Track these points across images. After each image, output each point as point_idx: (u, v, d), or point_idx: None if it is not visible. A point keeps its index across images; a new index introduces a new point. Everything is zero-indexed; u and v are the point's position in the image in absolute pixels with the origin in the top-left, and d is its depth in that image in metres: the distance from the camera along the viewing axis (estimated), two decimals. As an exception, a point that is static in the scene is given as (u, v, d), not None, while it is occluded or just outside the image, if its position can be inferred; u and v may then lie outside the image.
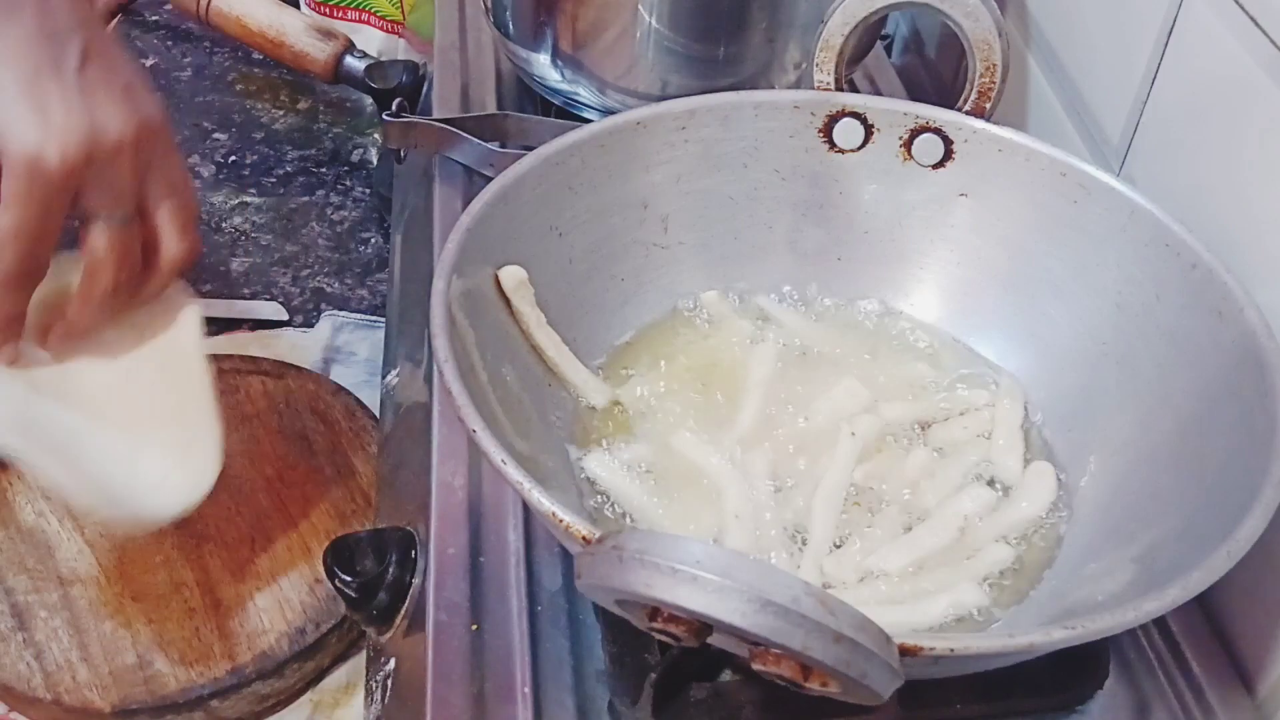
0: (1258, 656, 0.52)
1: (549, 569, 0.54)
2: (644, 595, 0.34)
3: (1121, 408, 0.55)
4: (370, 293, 0.91)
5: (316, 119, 1.08)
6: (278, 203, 0.99)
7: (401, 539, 0.56)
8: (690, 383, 0.60)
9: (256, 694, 0.64)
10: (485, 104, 0.82)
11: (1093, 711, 0.50)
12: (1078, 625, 0.39)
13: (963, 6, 0.62)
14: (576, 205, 0.59)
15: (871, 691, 0.35)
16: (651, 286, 0.63)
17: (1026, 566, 0.52)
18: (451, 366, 0.46)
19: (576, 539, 0.41)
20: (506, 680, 0.49)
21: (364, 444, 0.75)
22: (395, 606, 0.55)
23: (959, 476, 0.55)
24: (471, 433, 0.44)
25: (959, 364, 0.62)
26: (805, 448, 0.56)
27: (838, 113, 0.62)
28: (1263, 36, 0.52)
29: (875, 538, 0.53)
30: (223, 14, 1.04)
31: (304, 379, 0.80)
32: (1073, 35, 0.71)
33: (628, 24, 0.73)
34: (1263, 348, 0.49)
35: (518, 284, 0.55)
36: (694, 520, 0.53)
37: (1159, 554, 0.47)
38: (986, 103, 0.63)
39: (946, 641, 0.38)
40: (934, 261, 0.64)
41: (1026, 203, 0.60)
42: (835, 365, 0.61)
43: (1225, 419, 0.49)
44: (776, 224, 0.64)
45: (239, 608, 0.66)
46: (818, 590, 0.33)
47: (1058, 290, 0.60)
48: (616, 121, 0.60)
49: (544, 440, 0.54)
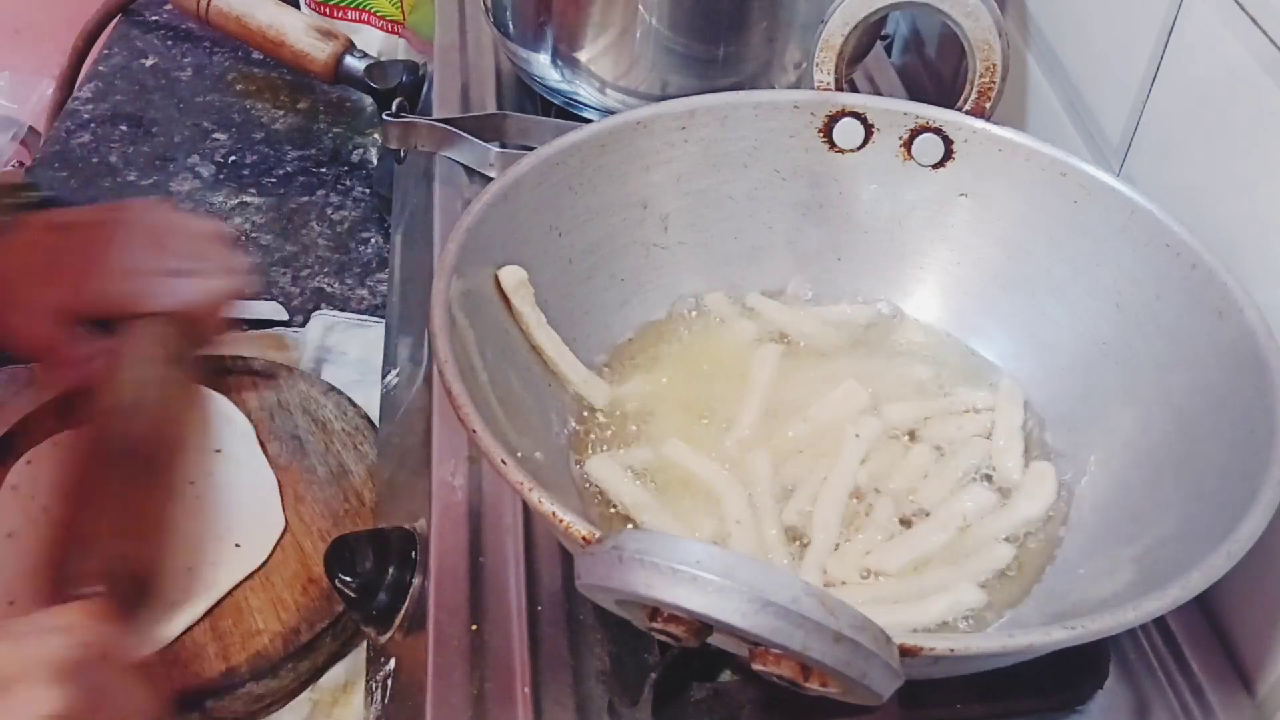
0: (1258, 656, 0.52)
1: (549, 569, 0.54)
2: (644, 595, 0.34)
3: (1121, 408, 0.55)
4: (370, 293, 0.91)
5: (316, 119, 1.08)
6: (278, 203, 0.99)
7: (401, 539, 0.56)
8: (690, 383, 0.60)
9: (251, 694, 0.64)
10: (485, 104, 0.82)
11: (1093, 711, 0.50)
12: (1078, 625, 0.39)
13: (963, 6, 0.62)
14: (576, 205, 0.59)
15: (871, 692, 0.35)
16: (651, 286, 0.63)
17: (1026, 566, 0.52)
18: (451, 366, 0.46)
19: (576, 539, 0.40)
20: (506, 680, 0.49)
21: (356, 444, 0.75)
22: (395, 606, 0.55)
23: (959, 476, 0.55)
24: (471, 433, 0.44)
25: (959, 364, 0.62)
26: (806, 449, 0.56)
27: (838, 113, 0.62)
28: (1263, 36, 0.52)
29: (875, 538, 0.53)
30: (223, 14, 1.04)
31: (296, 379, 0.79)
32: (1073, 35, 0.71)
33: (628, 24, 0.73)
34: (1263, 348, 0.49)
35: (518, 284, 0.55)
36: (694, 523, 0.53)
37: (1159, 554, 0.47)
38: (986, 103, 0.63)
39: (946, 641, 0.38)
40: (934, 261, 0.64)
41: (1026, 203, 0.60)
42: (835, 366, 0.61)
43: (1225, 419, 0.49)
44: (776, 224, 0.64)
45: (233, 608, 0.66)
46: (818, 590, 0.33)
47: (1058, 290, 0.60)
48: (616, 121, 0.60)
49: (544, 440, 0.54)
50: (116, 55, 1.15)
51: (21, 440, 0.75)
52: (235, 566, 0.67)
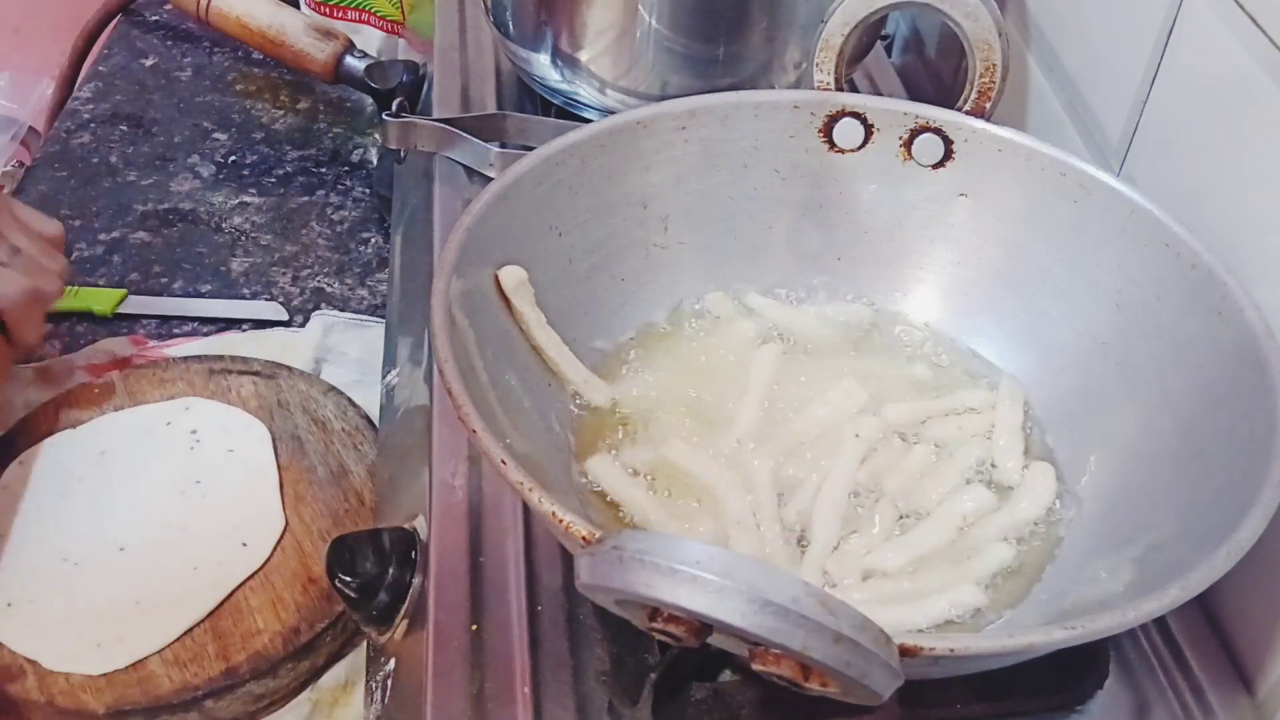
0: (1258, 656, 0.52)
1: (549, 569, 0.54)
2: (644, 595, 0.34)
3: (1121, 408, 0.55)
4: (370, 293, 0.91)
5: (316, 119, 1.08)
6: (278, 203, 0.99)
7: (401, 539, 0.56)
8: (690, 383, 0.60)
9: (251, 694, 0.64)
10: (485, 104, 0.82)
11: (1093, 711, 0.50)
12: (1078, 625, 0.39)
13: (963, 6, 0.62)
14: (576, 205, 0.59)
15: (871, 691, 0.35)
16: (651, 286, 0.63)
17: (1026, 566, 0.52)
18: (451, 366, 0.46)
19: (576, 539, 0.40)
20: (506, 680, 0.49)
21: (356, 444, 0.75)
22: (395, 606, 0.55)
23: (959, 476, 0.55)
24: (471, 433, 0.44)
25: (959, 364, 0.62)
26: (805, 449, 0.56)
27: (838, 113, 0.62)
28: (1263, 36, 0.52)
29: (875, 538, 0.53)
30: (223, 14, 1.04)
31: (296, 379, 0.79)
32: (1073, 35, 0.71)
33: (628, 24, 0.73)
34: (1263, 348, 0.49)
35: (518, 284, 0.55)
36: (694, 523, 0.53)
37: (1159, 554, 0.47)
38: (986, 103, 0.63)
39: (946, 642, 0.38)
40: (934, 261, 0.64)
41: (1026, 203, 0.60)
42: (834, 365, 0.61)
43: (1225, 419, 0.49)
44: (776, 224, 0.64)
45: (232, 607, 0.66)
46: (817, 590, 0.33)
47: (1058, 290, 0.60)
48: (616, 121, 0.60)
49: (544, 440, 0.54)
50: (116, 55, 1.15)
51: (21, 440, 0.75)
52: (240, 566, 0.67)
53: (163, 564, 0.68)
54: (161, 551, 0.68)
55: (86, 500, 0.71)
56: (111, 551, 0.68)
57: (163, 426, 0.75)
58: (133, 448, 0.74)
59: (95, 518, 0.70)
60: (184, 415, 0.76)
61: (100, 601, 0.66)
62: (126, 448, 0.74)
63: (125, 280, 0.91)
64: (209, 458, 0.73)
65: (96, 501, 0.71)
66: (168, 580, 0.67)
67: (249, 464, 0.73)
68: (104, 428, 0.75)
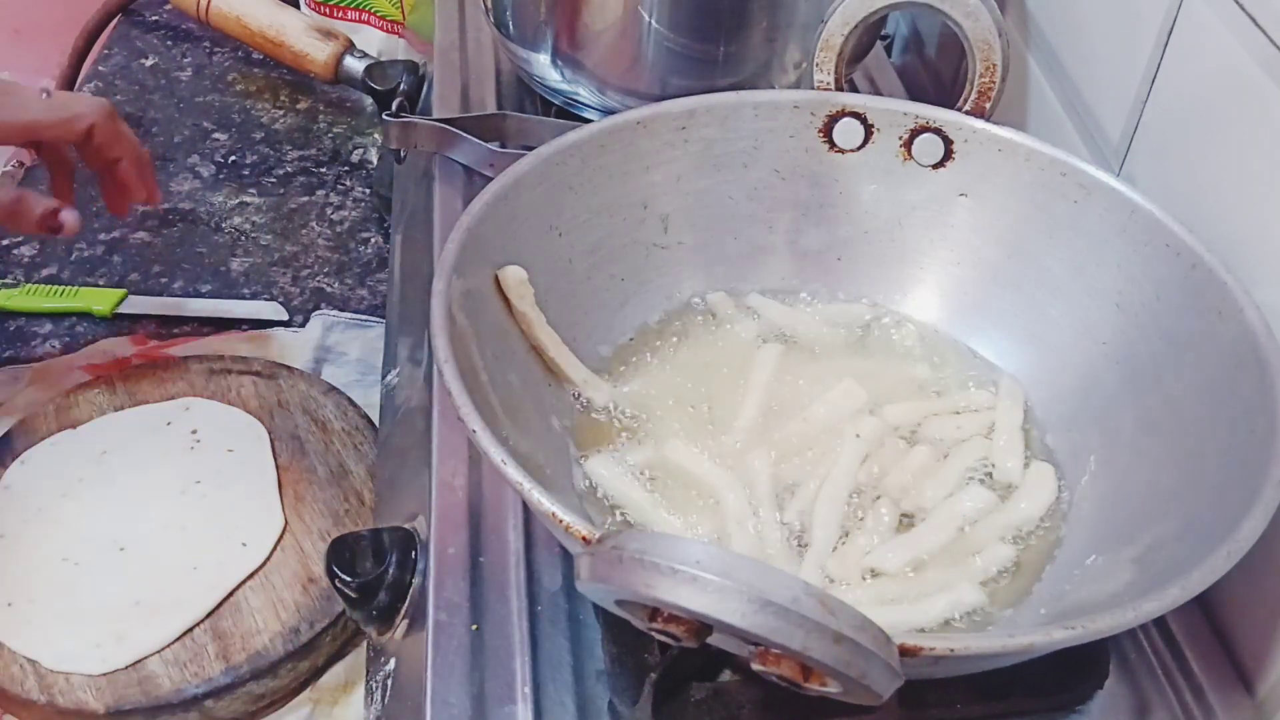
0: (1258, 656, 0.52)
1: (549, 569, 0.54)
2: (644, 595, 0.34)
3: (1121, 408, 0.55)
4: (370, 293, 0.91)
5: (316, 119, 1.08)
6: (278, 203, 0.99)
7: (401, 539, 0.56)
8: (691, 383, 0.60)
9: (251, 694, 0.64)
10: (485, 104, 0.82)
11: (1093, 711, 0.50)
12: (1078, 625, 0.39)
13: (963, 6, 0.62)
14: (576, 205, 0.59)
15: (871, 692, 0.35)
16: (651, 286, 0.63)
17: (1026, 566, 0.52)
18: (451, 366, 0.46)
19: (576, 539, 0.40)
20: (506, 680, 0.49)
21: (356, 444, 0.75)
22: (395, 606, 0.55)
23: (959, 476, 0.55)
24: (471, 433, 0.44)
25: (959, 364, 0.62)
26: (805, 449, 0.56)
27: (838, 113, 0.62)
28: (1263, 36, 0.52)
29: (875, 538, 0.53)
30: (223, 14, 1.04)
31: (296, 379, 0.80)
32: (1073, 35, 0.71)
33: (628, 24, 0.73)
34: (1263, 348, 0.49)
35: (518, 284, 0.55)
36: (694, 523, 0.53)
37: (1159, 554, 0.47)
38: (986, 103, 0.63)
39: (946, 642, 0.38)
40: (934, 261, 0.64)
41: (1026, 203, 0.60)
42: (834, 366, 0.61)
43: (1225, 419, 0.49)
44: (776, 224, 0.64)
45: (232, 607, 0.66)
46: (817, 590, 0.33)
47: (1058, 290, 0.60)
48: (616, 121, 0.60)
49: (544, 440, 0.54)
50: (116, 55, 1.15)
51: (21, 440, 0.75)
52: (240, 566, 0.67)
53: (163, 564, 0.68)
54: (161, 551, 0.68)
55: (86, 500, 0.71)
56: (111, 551, 0.68)
57: (163, 426, 0.76)
58: (133, 448, 0.74)
59: (95, 518, 0.70)
60: (184, 415, 0.76)
61: (100, 601, 0.66)
62: (126, 448, 0.74)
63: (125, 280, 0.91)
64: (209, 458, 0.73)
65: (96, 501, 0.71)
66: (167, 580, 0.67)
67: (249, 464, 0.73)
68: (104, 428, 0.76)
